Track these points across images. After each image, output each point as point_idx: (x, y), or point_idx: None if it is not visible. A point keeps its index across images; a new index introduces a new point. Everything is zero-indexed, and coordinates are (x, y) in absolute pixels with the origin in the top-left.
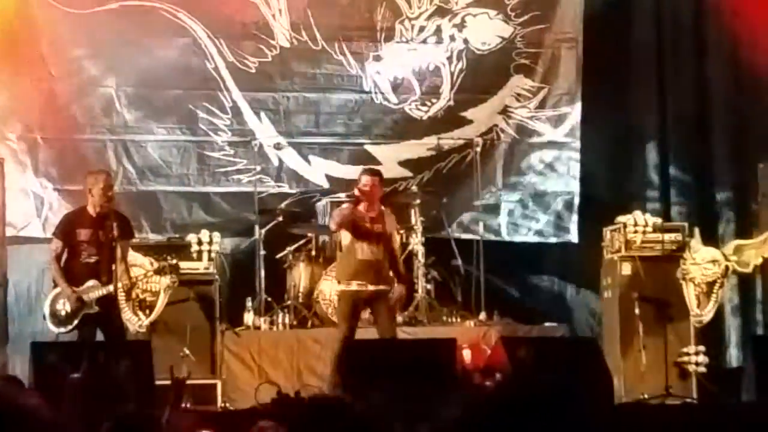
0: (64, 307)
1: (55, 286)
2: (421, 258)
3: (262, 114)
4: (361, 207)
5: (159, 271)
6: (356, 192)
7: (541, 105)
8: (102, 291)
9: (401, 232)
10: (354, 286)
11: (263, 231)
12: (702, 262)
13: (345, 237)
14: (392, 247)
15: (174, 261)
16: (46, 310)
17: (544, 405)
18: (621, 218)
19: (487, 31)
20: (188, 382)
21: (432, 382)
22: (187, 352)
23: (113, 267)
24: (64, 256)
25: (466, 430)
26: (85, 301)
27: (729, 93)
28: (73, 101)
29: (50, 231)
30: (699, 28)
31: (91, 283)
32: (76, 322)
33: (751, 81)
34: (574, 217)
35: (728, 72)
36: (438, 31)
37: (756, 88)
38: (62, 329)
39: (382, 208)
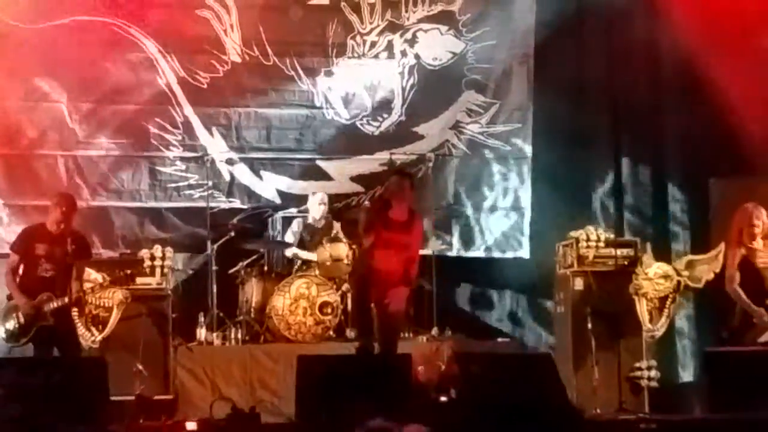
0: (18, 320)
1: (9, 300)
2: None
3: (214, 129)
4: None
5: (115, 282)
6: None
7: (493, 120)
8: (56, 303)
9: (353, 247)
10: None
11: (215, 246)
12: (654, 277)
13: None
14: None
15: (128, 271)
16: None
17: None
18: (573, 233)
19: (439, 46)
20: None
21: (387, 398)
22: (141, 367)
23: (69, 284)
24: (21, 270)
25: None
26: (40, 312)
27: (681, 108)
28: (24, 117)
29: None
30: (651, 42)
31: (45, 296)
32: (30, 335)
33: (703, 97)
34: (526, 232)
35: (680, 88)
36: (389, 46)
37: (707, 104)
38: (15, 343)
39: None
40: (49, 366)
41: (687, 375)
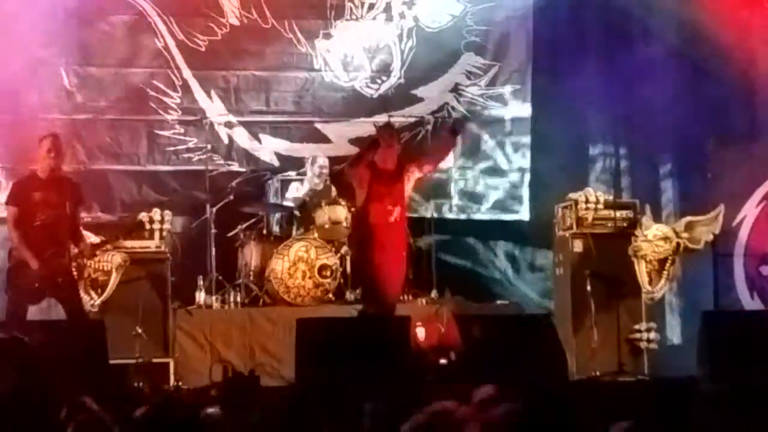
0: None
1: (10, 257)
2: None
3: (213, 92)
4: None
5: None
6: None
7: (492, 83)
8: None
9: (352, 209)
10: None
11: (214, 209)
12: (653, 239)
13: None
14: None
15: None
16: None
17: None
18: (572, 195)
19: (438, 8)
20: (140, 360)
21: (387, 360)
22: (140, 330)
23: (70, 233)
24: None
25: None
26: (52, 269)
27: (677, 72)
28: (21, 80)
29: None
30: (648, 6)
31: (52, 251)
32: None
33: (699, 59)
34: (526, 195)
35: (676, 50)
36: (388, 8)
37: (703, 67)
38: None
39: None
40: (49, 329)
41: (686, 336)
